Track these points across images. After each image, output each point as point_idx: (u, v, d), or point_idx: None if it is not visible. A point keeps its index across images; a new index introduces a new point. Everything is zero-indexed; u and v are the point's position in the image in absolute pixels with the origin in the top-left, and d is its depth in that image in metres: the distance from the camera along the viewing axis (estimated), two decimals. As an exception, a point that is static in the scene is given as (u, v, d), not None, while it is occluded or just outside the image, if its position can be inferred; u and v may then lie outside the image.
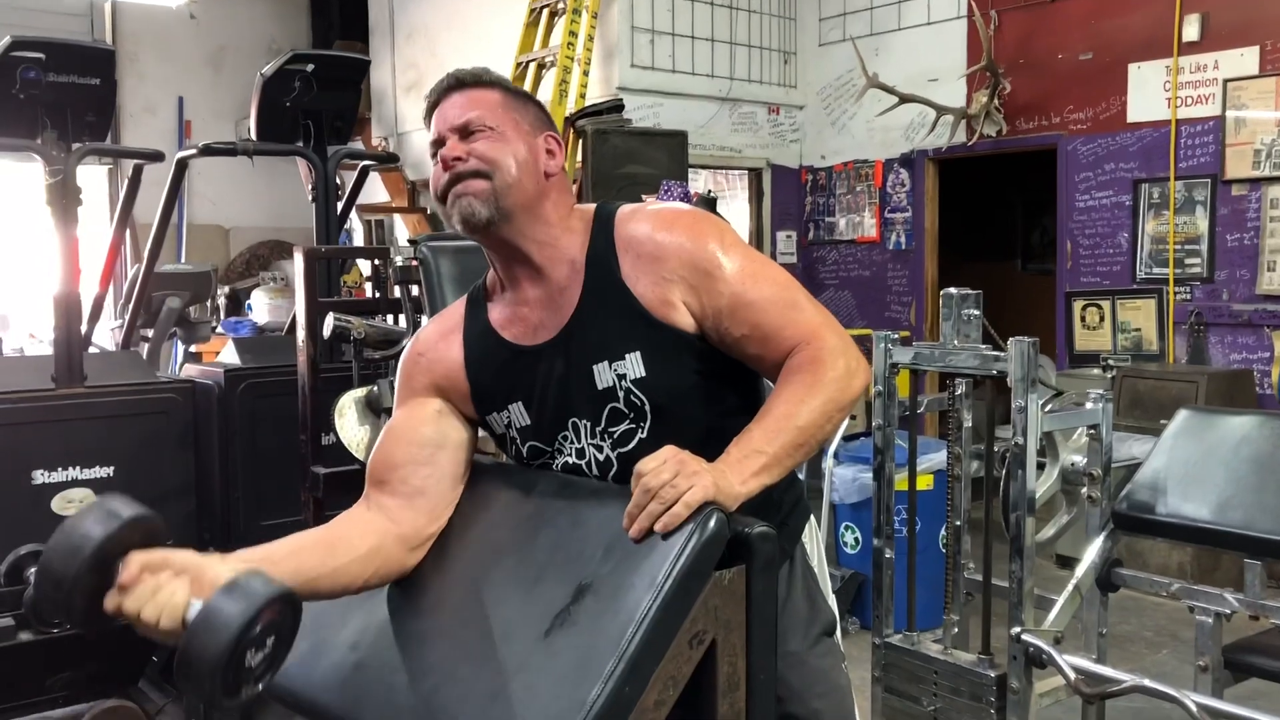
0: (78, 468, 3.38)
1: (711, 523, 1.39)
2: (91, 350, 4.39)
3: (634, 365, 1.61)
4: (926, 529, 3.75)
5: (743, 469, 1.48)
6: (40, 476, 3.31)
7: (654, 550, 1.40)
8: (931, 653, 2.73)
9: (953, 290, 2.68)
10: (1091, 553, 2.67)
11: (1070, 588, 2.63)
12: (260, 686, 1.36)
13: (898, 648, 2.78)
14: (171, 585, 1.36)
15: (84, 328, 3.98)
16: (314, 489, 3.36)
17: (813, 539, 1.85)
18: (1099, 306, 6.16)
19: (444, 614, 1.59)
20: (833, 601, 1.85)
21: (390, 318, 3.57)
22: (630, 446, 1.64)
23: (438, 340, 1.76)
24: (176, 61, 8.57)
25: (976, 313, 2.66)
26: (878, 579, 2.85)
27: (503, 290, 1.73)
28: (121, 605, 1.35)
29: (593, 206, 1.72)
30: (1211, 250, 5.82)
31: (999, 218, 8.99)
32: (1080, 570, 2.65)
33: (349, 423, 3.16)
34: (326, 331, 3.16)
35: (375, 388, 3.12)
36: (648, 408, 1.62)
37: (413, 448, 1.69)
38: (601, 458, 1.66)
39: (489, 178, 1.60)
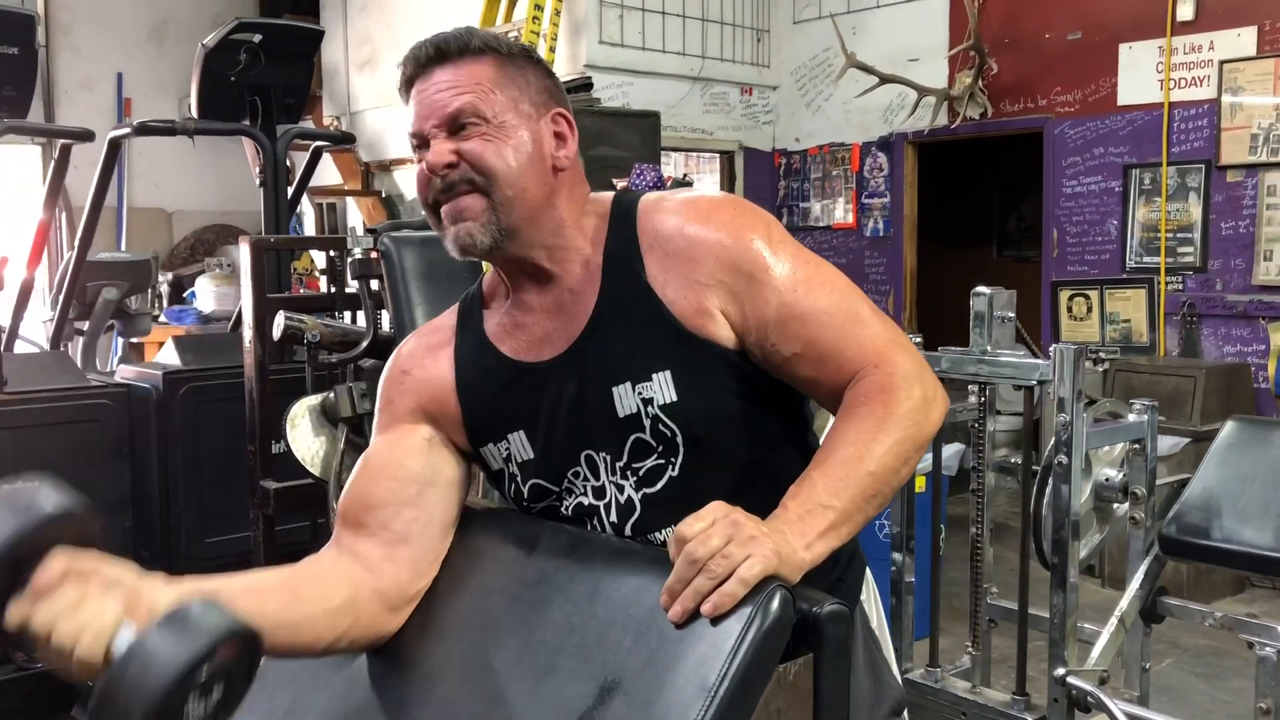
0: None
1: (775, 605, 1.09)
2: (21, 348, 4.05)
3: (663, 388, 1.32)
4: (920, 534, 3.53)
5: (806, 529, 1.18)
6: (-46, 494, 2.97)
7: (700, 639, 1.09)
8: (959, 691, 2.46)
9: (985, 289, 2.40)
10: (1135, 581, 2.41)
11: (1114, 620, 2.37)
12: None
13: (920, 685, 2.51)
14: (99, 601, 1.07)
15: (7, 323, 3.64)
16: (263, 505, 3.04)
17: (870, 596, 1.54)
18: (1086, 296, 5.92)
19: (427, 709, 1.27)
20: (897, 671, 1.54)
21: (348, 315, 3.25)
22: (658, 486, 1.35)
23: (424, 355, 1.46)
24: (115, 35, 8.10)
25: (1011, 315, 2.38)
26: (897, 606, 2.58)
27: (505, 295, 1.44)
28: (30, 617, 1.05)
29: (610, 195, 1.43)
30: (1205, 239, 5.61)
31: (974, 203, 8.78)
32: (1124, 601, 2.39)
33: (302, 433, 2.84)
34: (277, 332, 2.85)
35: (332, 394, 2.81)
36: (679, 439, 1.33)
37: (395, 484, 1.39)
38: (623, 499, 1.36)
39: (487, 193, 1.32)
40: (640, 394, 1.33)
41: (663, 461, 1.34)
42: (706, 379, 1.33)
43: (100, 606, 1.06)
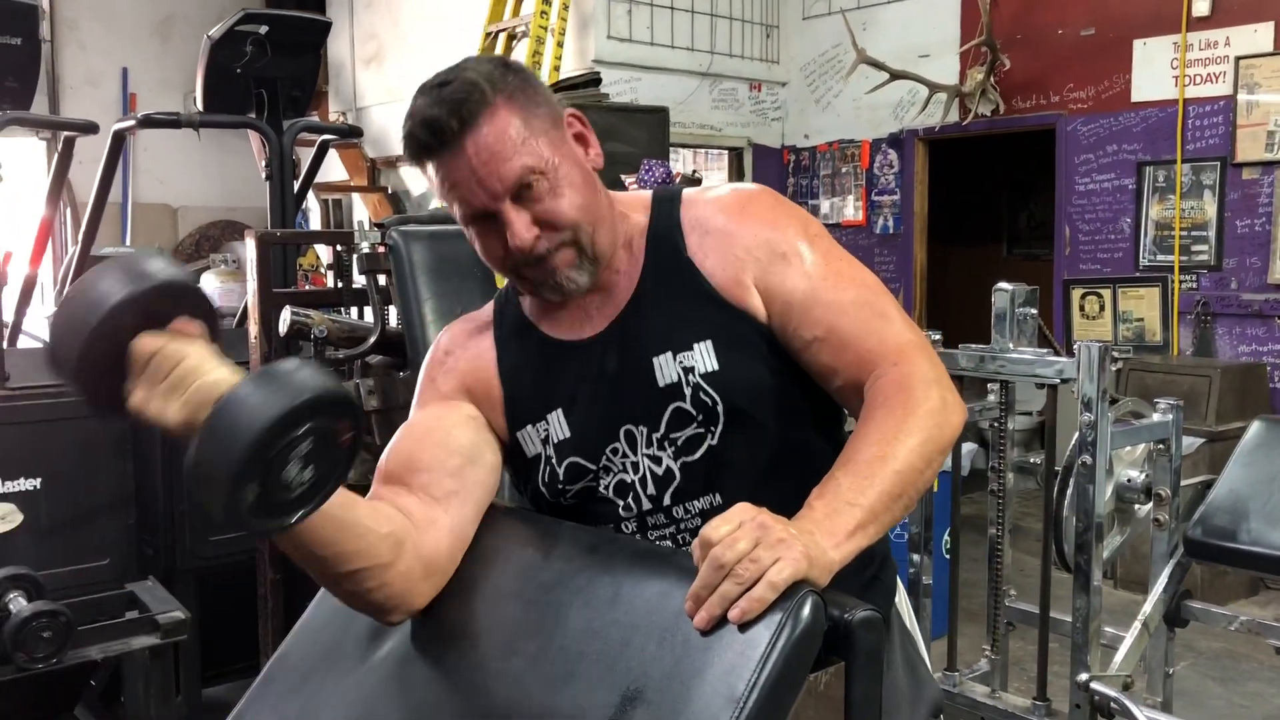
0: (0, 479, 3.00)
1: (806, 611, 1.04)
2: (24, 342, 4.01)
3: (704, 356, 1.33)
4: (933, 535, 3.48)
5: (834, 528, 1.13)
6: (-45, 490, 2.93)
7: (728, 647, 1.04)
8: (978, 696, 2.40)
9: (1006, 286, 2.35)
10: (1159, 584, 2.36)
11: (1138, 624, 2.31)
12: (297, 519, 1.07)
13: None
14: (230, 368, 1.08)
15: (9, 318, 3.59)
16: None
17: (902, 594, 1.52)
18: (1099, 295, 5.87)
19: (447, 714, 1.22)
20: (931, 670, 1.50)
21: (355, 311, 3.20)
22: (697, 455, 1.34)
23: (466, 338, 1.47)
24: (121, 30, 8.06)
25: (1033, 312, 2.32)
26: (916, 611, 2.52)
27: None
28: (166, 346, 1.06)
29: (649, 192, 1.46)
30: (1220, 237, 5.54)
31: (984, 201, 8.72)
32: (1148, 605, 2.34)
33: (309, 431, 2.78)
34: (283, 328, 2.79)
35: (339, 391, 2.75)
36: (720, 408, 1.33)
37: (442, 452, 1.35)
38: (661, 471, 1.35)
39: (575, 243, 1.32)
40: (681, 363, 1.33)
41: (702, 430, 1.33)
42: (746, 349, 1.34)
43: (227, 368, 1.08)
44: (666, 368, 1.34)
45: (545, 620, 1.20)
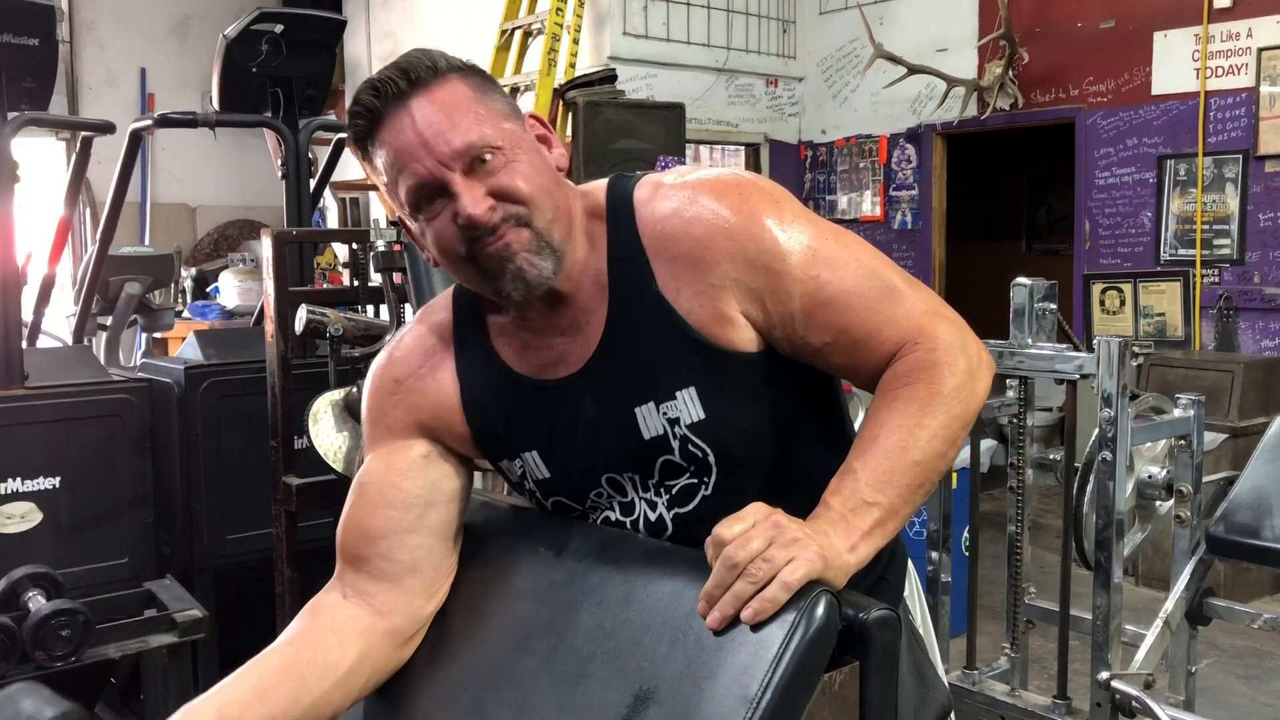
0: (19, 479, 3.01)
1: (819, 611, 1.03)
2: (44, 342, 4.02)
3: (689, 406, 1.22)
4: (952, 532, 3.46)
5: (850, 529, 1.11)
6: (-24, 489, 2.94)
7: (741, 647, 1.03)
8: (997, 694, 2.39)
9: (1025, 280, 2.33)
10: (1181, 581, 2.33)
11: (1159, 622, 2.29)
12: None
13: (958, 688, 2.44)
14: None
15: (30, 317, 3.60)
16: (286, 501, 3.00)
17: (914, 592, 1.47)
18: (1119, 290, 5.81)
19: (454, 716, 1.22)
20: (942, 672, 1.47)
21: (371, 309, 3.20)
22: (691, 506, 1.26)
23: (420, 363, 1.33)
24: (138, 30, 8.10)
25: (1052, 307, 2.30)
26: (934, 607, 2.50)
27: (507, 312, 1.31)
28: None
29: (602, 187, 1.29)
30: (1242, 230, 5.49)
31: (1003, 196, 8.66)
32: (1170, 602, 2.31)
33: (325, 429, 2.80)
34: (299, 326, 2.79)
35: (354, 389, 2.77)
36: (712, 458, 1.24)
37: (394, 511, 1.29)
38: (654, 517, 1.28)
39: (528, 222, 1.18)
40: (665, 414, 1.23)
41: (695, 481, 1.26)
42: (734, 391, 1.23)
43: None
44: (650, 420, 1.24)
45: (557, 619, 1.19)
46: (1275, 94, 5.32)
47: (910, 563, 1.48)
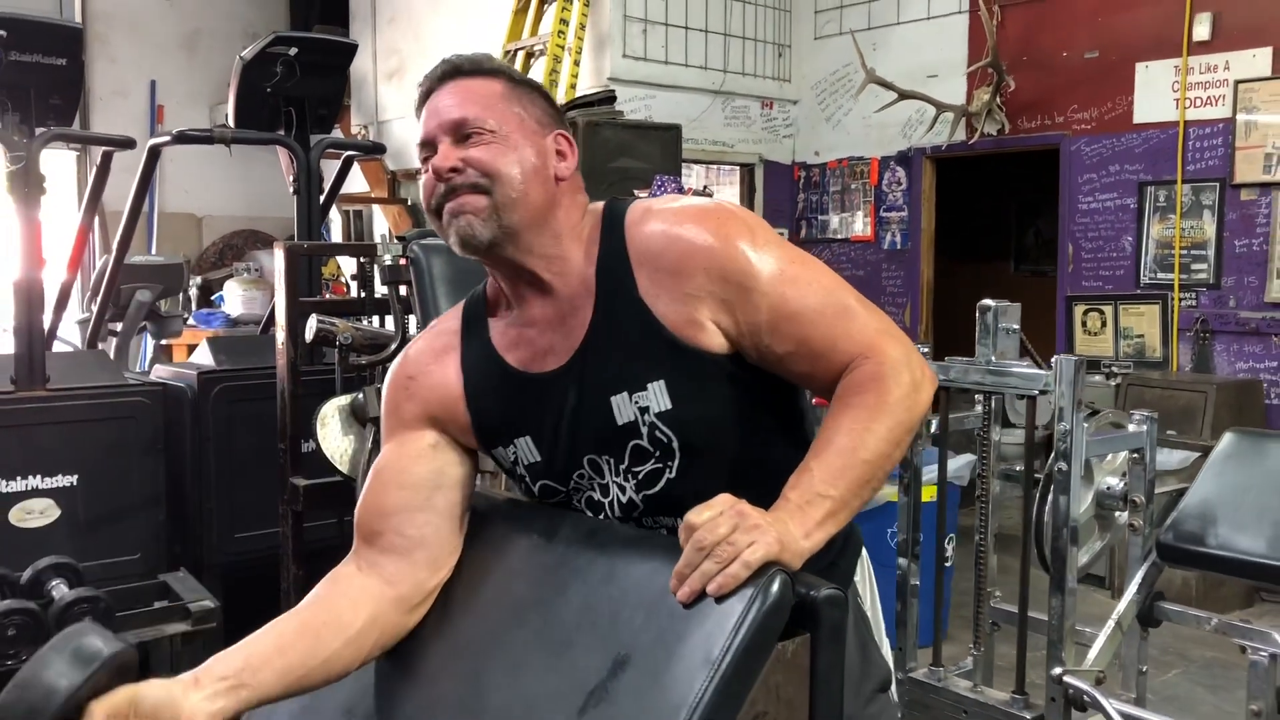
0: (39, 476, 3.16)
1: (775, 587, 1.19)
2: (57, 347, 4.17)
3: (658, 396, 1.39)
4: (927, 542, 3.60)
5: (806, 519, 1.27)
6: (-2, 485, 3.09)
7: (707, 618, 1.19)
8: (961, 690, 2.54)
9: (990, 302, 2.49)
10: (1133, 586, 2.49)
11: (1111, 623, 2.45)
12: None
13: (924, 684, 2.60)
14: None
15: (48, 320, 3.75)
16: (293, 501, 3.15)
17: (865, 578, 1.64)
18: (1101, 311, 5.99)
19: (456, 681, 1.38)
20: (887, 651, 1.64)
21: (376, 319, 3.35)
22: (657, 488, 1.43)
23: (430, 362, 1.53)
24: (149, 43, 8.27)
25: (1016, 327, 2.47)
26: (902, 608, 2.66)
27: (507, 306, 1.51)
28: None
29: (600, 206, 1.49)
30: (1219, 256, 5.67)
31: (993, 218, 8.84)
32: (1122, 604, 2.47)
33: (332, 432, 2.94)
34: (309, 335, 2.94)
35: (360, 395, 2.91)
36: (675, 444, 1.41)
37: (405, 492, 1.47)
38: (625, 499, 1.45)
39: (488, 192, 1.38)
40: (637, 403, 1.40)
41: (660, 465, 1.42)
42: (699, 387, 1.40)
43: None
44: (624, 407, 1.40)
45: (548, 596, 1.35)
46: (1251, 124, 5.50)
47: (865, 553, 1.63)
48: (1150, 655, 4.45)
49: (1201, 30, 5.65)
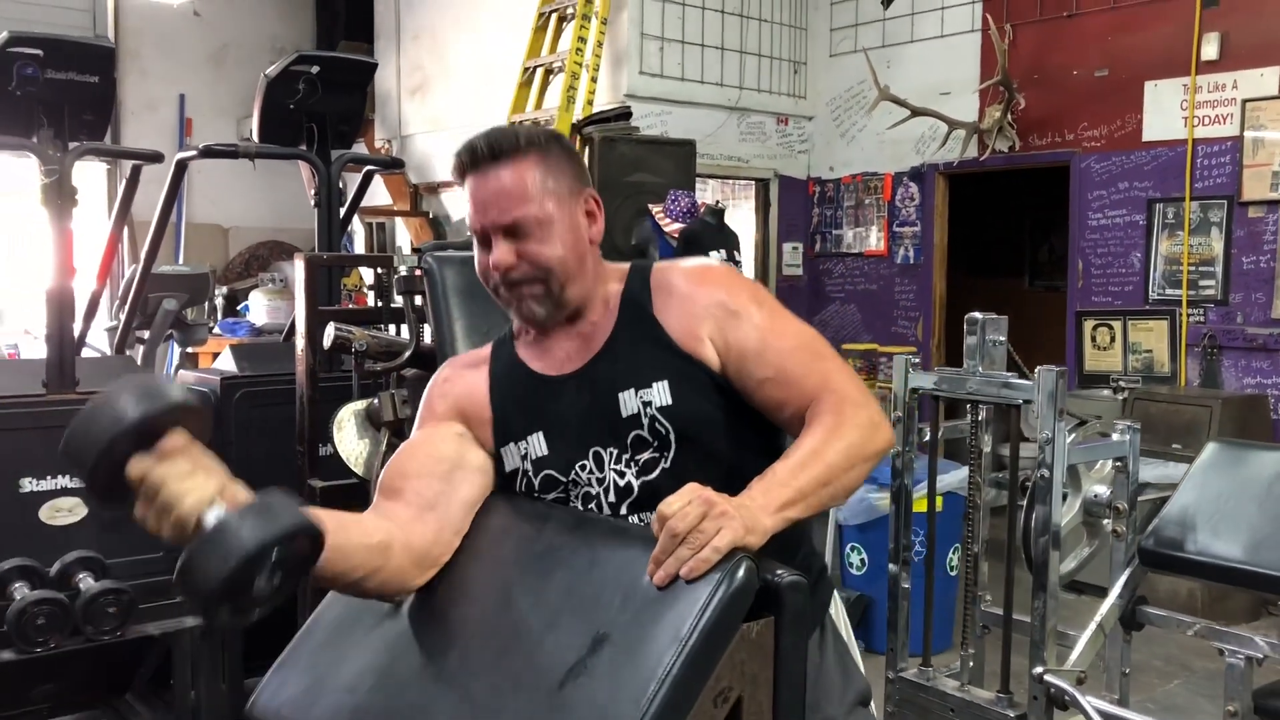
0: (67, 476, 3.27)
1: (740, 572, 1.30)
2: (86, 353, 4.31)
3: (660, 393, 1.59)
4: (936, 552, 3.67)
5: (768, 502, 1.40)
6: (29, 484, 3.20)
7: (678, 600, 1.30)
8: (948, 689, 2.63)
9: (977, 315, 2.59)
10: (1115, 590, 2.58)
11: (1093, 626, 2.53)
12: (258, 613, 1.33)
13: (913, 683, 2.69)
14: (204, 477, 1.32)
15: (78, 327, 3.89)
16: (310, 502, 3.25)
17: (839, 614, 1.83)
18: (1110, 327, 6.08)
19: (449, 659, 1.49)
20: (863, 669, 1.81)
21: (393, 328, 3.47)
22: (653, 475, 1.60)
23: (464, 368, 1.77)
24: (178, 58, 8.47)
25: (1001, 338, 2.56)
26: (893, 610, 2.76)
27: (528, 332, 1.72)
28: (149, 472, 1.30)
29: (625, 267, 1.74)
30: (1226, 272, 5.73)
31: (1006, 234, 8.91)
32: (1104, 608, 2.56)
33: (348, 436, 3.06)
34: (327, 342, 3.06)
35: (375, 400, 3.02)
36: (672, 436, 1.59)
37: (429, 461, 1.65)
38: (623, 483, 1.61)
39: (544, 281, 1.61)
40: (641, 398, 1.59)
41: (657, 455, 1.59)
42: (696, 389, 1.60)
43: (204, 481, 1.32)
44: (629, 402, 1.60)
45: (535, 581, 1.47)
46: (1258, 142, 5.57)
47: (836, 593, 1.83)
48: (1154, 665, 4.58)
49: (1210, 50, 5.72)
